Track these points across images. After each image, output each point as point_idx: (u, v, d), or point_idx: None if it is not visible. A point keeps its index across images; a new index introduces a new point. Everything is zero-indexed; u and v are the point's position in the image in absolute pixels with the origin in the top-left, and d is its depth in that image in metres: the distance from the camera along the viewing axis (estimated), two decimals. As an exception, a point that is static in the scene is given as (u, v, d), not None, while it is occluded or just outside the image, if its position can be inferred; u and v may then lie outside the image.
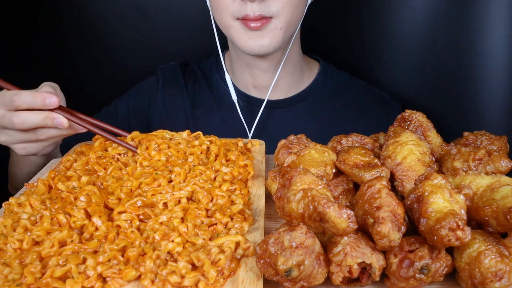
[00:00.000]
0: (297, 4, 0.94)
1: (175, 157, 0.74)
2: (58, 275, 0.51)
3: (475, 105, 1.05)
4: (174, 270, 0.52)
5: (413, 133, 0.66)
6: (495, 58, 0.97)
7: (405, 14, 1.16)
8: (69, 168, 0.75)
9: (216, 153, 0.77)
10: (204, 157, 0.76)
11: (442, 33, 1.08)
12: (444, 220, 0.47)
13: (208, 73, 1.16)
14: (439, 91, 1.13)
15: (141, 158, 0.74)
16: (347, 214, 0.48)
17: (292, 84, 1.11)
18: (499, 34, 0.96)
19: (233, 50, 1.08)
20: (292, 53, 1.06)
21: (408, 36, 1.16)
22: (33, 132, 0.77)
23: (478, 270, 0.48)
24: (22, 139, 0.78)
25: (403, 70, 1.20)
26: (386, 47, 1.22)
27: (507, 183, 0.54)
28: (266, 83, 1.08)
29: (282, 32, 0.94)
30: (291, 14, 0.93)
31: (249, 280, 0.52)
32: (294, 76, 1.11)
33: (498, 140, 0.71)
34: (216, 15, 0.98)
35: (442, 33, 1.08)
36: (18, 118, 0.74)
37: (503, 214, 0.49)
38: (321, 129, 1.08)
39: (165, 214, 0.61)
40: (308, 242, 0.49)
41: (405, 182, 0.61)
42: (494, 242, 0.50)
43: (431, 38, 1.11)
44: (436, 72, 1.12)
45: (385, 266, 0.51)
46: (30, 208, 0.62)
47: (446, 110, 1.11)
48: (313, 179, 0.54)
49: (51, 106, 0.75)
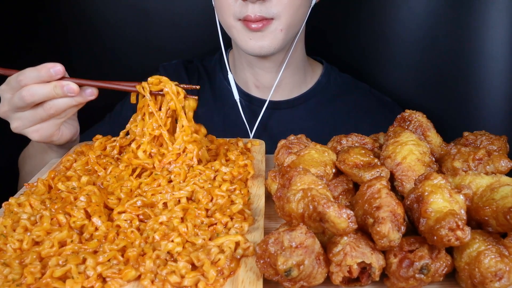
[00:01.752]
0: (298, 5, 0.94)
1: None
2: (58, 275, 0.50)
3: (475, 105, 1.05)
4: (174, 270, 0.52)
5: (413, 133, 0.66)
6: (495, 58, 0.97)
7: (405, 15, 1.16)
8: (69, 168, 0.75)
9: (216, 152, 0.77)
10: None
11: (442, 34, 1.08)
12: (444, 220, 0.47)
13: (211, 72, 1.16)
14: (439, 91, 1.13)
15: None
16: (347, 214, 0.48)
17: (294, 85, 1.11)
18: (499, 34, 0.96)
19: (236, 49, 1.08)
20: (295, 54, 1.06)
21: (408, 37, 1.16)
22: (42, 107, 0.75)
23: (478, 270, 0.48)
24: (34, 118, 0.76)
25: (403, 71, 1.20)
26: (386, 47, 1.22)
27: (507, 183, 0.54)
28: (268, 83, 1.08)
29: (283, 33, 0.94)
30: (292, 15, 0.93)
31: (249, 280, 0.52)
32: (296, 77, 1.11)
33: (498, 140, 0.71)
34: (219, 15, 0.99)
35: (442, 33, 1.08)
36: (27, 91, 0.73)
37: (503, 214, 0.49)
38: (323, 131, 1.08)
39: (165, 214, 0.61)
40: (308, 242, 0.49)
41: (405, 182, 0.61)
42: (494, 242, 0.50)
43: (431, 39, 1.11)
44: (436, 73, 1.13)
45: (385, 266, 0.51)
46: (30, 208, 0.62)
47: (446, 110, 1.11)
48: (313, 179, 0.54)
49: (57, 75, 0.74)
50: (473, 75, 1.02)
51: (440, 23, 1.08)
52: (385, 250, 0.51)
